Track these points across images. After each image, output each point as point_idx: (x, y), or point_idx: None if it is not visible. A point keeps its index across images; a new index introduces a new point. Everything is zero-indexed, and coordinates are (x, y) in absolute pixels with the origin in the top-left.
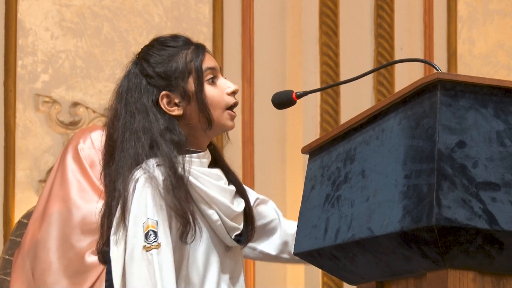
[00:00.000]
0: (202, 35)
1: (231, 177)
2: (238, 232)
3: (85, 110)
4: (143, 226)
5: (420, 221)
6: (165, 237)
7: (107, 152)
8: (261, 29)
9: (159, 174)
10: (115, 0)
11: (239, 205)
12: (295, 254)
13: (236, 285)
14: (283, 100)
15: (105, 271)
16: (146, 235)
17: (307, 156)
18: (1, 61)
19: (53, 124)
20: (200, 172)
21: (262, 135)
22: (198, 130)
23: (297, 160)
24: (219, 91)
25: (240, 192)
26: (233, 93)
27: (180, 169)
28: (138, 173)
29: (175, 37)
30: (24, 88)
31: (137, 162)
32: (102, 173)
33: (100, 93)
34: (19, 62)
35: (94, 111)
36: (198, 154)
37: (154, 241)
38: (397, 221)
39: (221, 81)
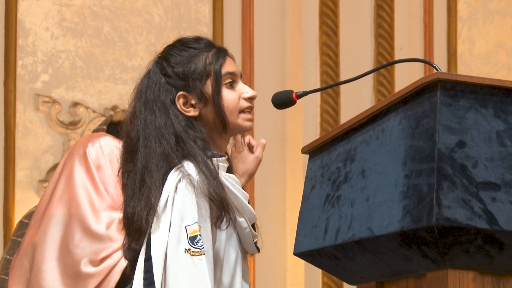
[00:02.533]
0: (202, 35)
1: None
2: (256, 239)
3: (85, 110)
4: (186, 229)
5: (420, 221)
6: (207, 242)
7: (126, 150)
8: (261, 29)
9: (196, 171)
10: (115, 0)
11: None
12: (295, 254)
13: None
14: (283, 100)
15: (101, 283)
16: (193, 239)
17: (307, 156)
18: (1, 61)
19: (53, 124)
20: (227, 176)
21: (262, 135)
22: (214, 132)
23: (297, 160)
24: (236, 95)
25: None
26: (250, 98)
27: (210, 162)
28: (179, 175)
29: (197, 39)
30: (24, 88)
31: (165, 157)
32: (120, 171)
33: (100, 93)
34: (19, 62)
35: (94, 111)
36: (223, 158)
37: (203, 247)
38: (397, 221)
39: (239, 86)
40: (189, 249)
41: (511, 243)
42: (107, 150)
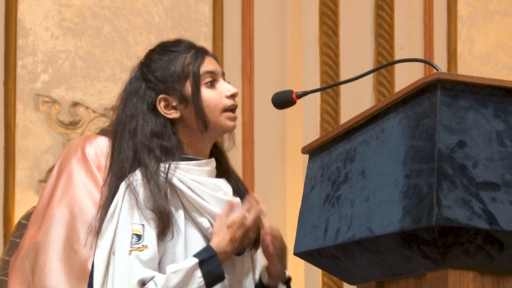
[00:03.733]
0: (202, 35)
1: (235, 187)
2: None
3: (85, 110)
4: (131, 230)
5: (420, 221)
6: (150, 240)
7: (110, 157)
8: (261, 29)
9: (141, 181)
10: (115, 0)
11: None
12: (295, 254)
13: None
14: (283, 100)
15: None
16: (137, 237)
17: (307, 156)
18: (1, 61)
19: (53, 124)
20: (194, 181)
21: (262, 135)
22: (197, 134)
23: (297, 160)
24: (218, 94)
25: None
26: (232, 96)
27: (161, 174)
28: (127, 182)
29: (177, 42)
30: (24, 88)
31: (121, 169)
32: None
33: (100, 93)
34: (19, 62)
35: (94, 111)
36: (197, 161)
37: (136, 243)
38: (397, 221)
39: (220, 84)
40: (130, 250)
41: (511, 243)
42: (105, 149)
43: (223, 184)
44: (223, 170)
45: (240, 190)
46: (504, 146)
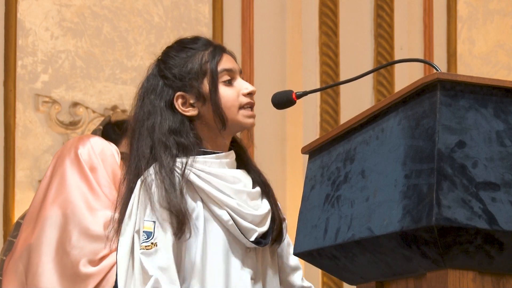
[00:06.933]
0: (202, 35)
1: (256, 178)
2: (257, 234)
3: (85, 110)
4: (142, 229)
5: (420, 221)
6: (162, 236)
7: (129, 155)
8: (261, 29)
9: (155, 179)
10: (115, 0)
11: (260, 208)
12: (295, 254)
13: (257, 285)
14: (283, 100)
15: (101, 282)
16: (141, 237)
17: (307, 156)
18: (1, 61)
19: (53, 124)
20: (211, 174)
21: (262, 135)
22: (215, 130)
23: (297, 160)
24: (235, 91)
25: (266, 193)
26: (250, 94)
27: (177, 172)
28: (140, 180)
29: (195, 39)
30: (24, 88)
31: (139, 167)
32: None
33: (100, 93)
34: (19, 62)
35: (94, 111)
36: (216, 155)
37: (145, 241)
38: (397, 221)
39: (238, 82)
40: (140, 247)
41: (511, 243)
42: (98, 150)
43: (242, 176)
44: (242, 163)
45: (262, 181)
46: (504, 146)
